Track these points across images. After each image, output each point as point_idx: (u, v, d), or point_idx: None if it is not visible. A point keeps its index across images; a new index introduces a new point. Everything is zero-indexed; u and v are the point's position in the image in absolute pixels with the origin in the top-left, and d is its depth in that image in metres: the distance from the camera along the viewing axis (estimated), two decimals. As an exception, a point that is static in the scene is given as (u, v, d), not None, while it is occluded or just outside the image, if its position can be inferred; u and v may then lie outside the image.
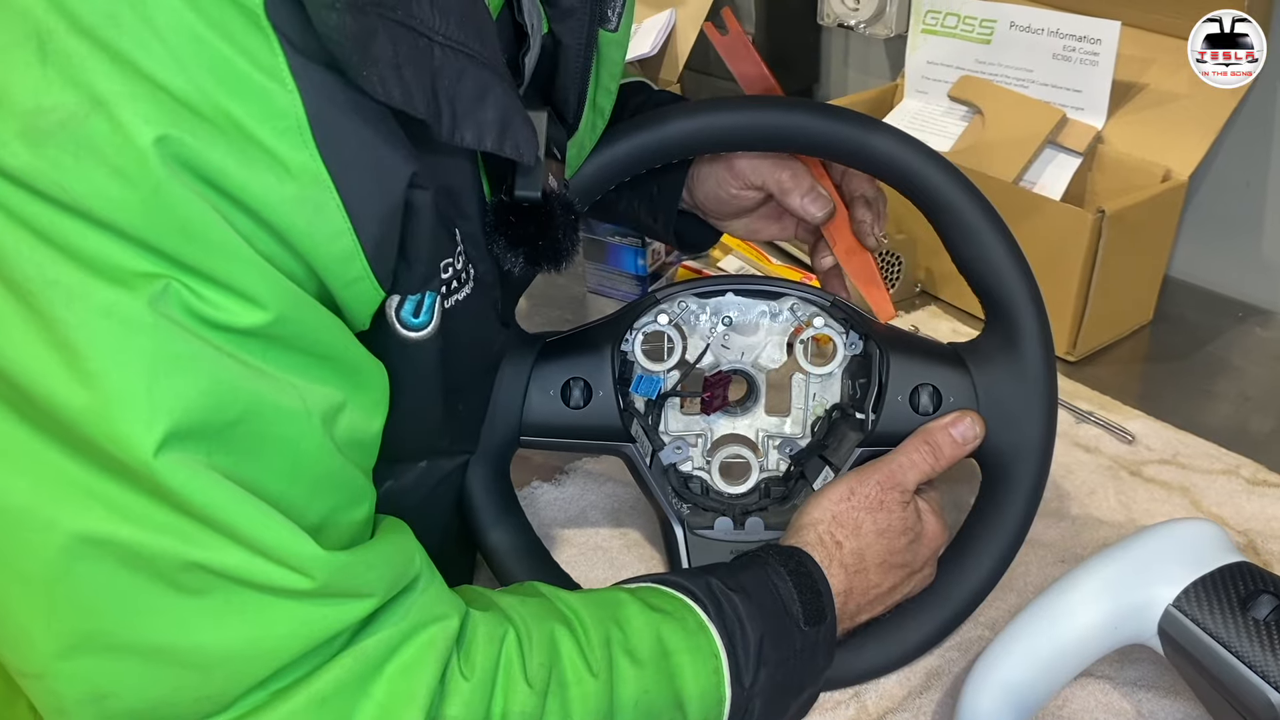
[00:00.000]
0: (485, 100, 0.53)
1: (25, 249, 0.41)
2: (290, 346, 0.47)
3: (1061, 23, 1.13)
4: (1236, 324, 1.15)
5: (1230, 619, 0.63)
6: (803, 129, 0.75)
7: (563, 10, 0.64)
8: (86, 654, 0.45)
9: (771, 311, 0.81)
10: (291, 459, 0.48)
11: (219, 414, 0.45)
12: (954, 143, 1.20)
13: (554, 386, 0.76)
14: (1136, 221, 1.03)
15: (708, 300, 0.81)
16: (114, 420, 0.42)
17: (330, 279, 0.49)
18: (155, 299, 0.43)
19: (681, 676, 0.60)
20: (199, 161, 0.43)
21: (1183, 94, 1.10)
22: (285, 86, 0.45)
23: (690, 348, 0.81)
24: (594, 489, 0.93)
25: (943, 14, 1.23)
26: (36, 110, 0.41)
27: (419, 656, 0.51)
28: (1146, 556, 0.66)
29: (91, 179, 0.41)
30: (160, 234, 0.43)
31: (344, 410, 0.51)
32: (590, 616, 0.59)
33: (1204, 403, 1.03)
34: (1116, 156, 1.12)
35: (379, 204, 0.50)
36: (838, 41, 1.54)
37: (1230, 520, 0.86)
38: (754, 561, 0.68)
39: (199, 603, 0.45)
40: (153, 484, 0.43)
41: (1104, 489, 0.90)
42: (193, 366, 0.44)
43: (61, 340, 0.42)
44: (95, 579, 0.44)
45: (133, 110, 0.42)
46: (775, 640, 0.63)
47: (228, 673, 0.47)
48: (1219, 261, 1.19)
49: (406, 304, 0.56)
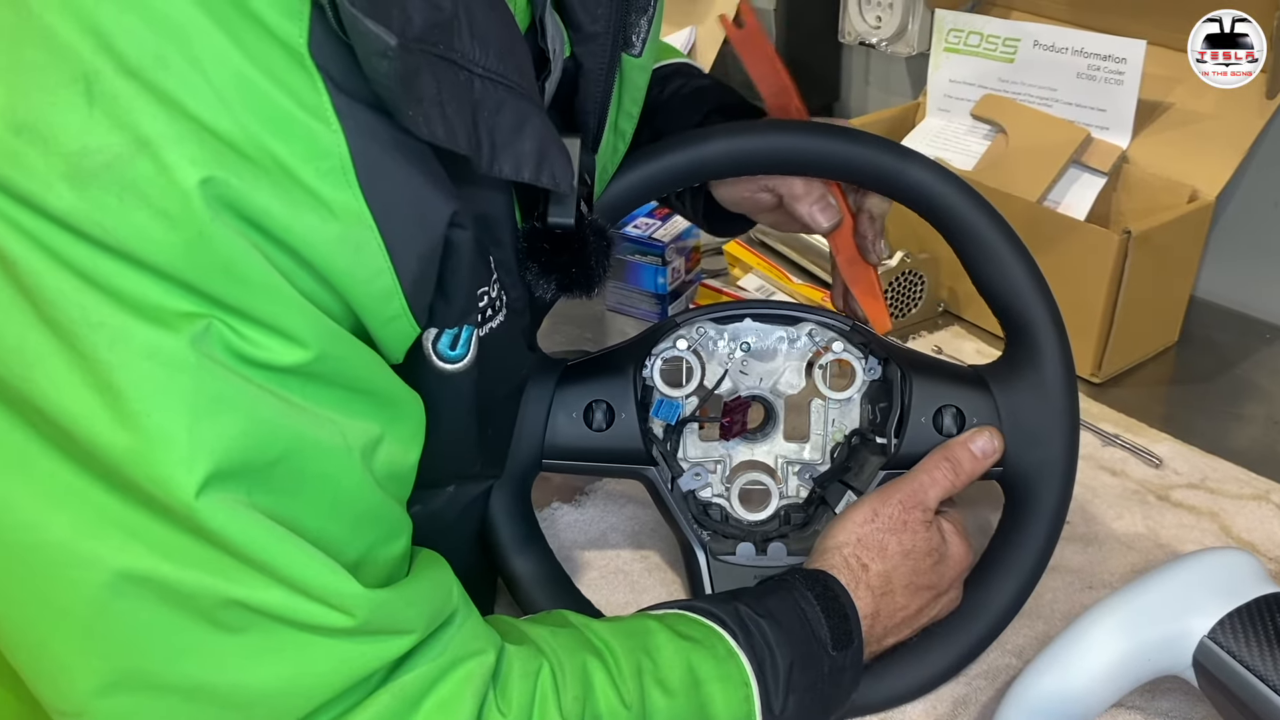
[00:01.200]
0: (523, 131, 0.53)
1: (69, 291, 0.41)
2: (330, 383, 0.48)
3: (1086, 42, 1.12)
4: (1264, 345, 1.14)
5: (1266, 651, 0.62)
6: (833, 155, 0.75)
7: (586, 35, 0.64)
8: (126, 692, 0.45)
9: (790, 337, 0.81)
10: (332, 496, 0.48)
11: (260, 453, 0.44)
12: (977, 162, 1.20)
13: (576, 409, 0.76)
14: (1162, 242, 1.02)
15: (725, 326, 0.81)
16: (156, 463, 0.42)
17: (368, 317, 0.49)
18: (197, 339, 0.43)
19: (713, 705, 0.59)
20: (243, 203, 0.43)
21: (1209, 113, 1.10)
22: (329, 126, 0.45)
23: (709, 373, 0.80)
24: (615, 511, 0.92)
25: (965, 32, 1.23)
26: (82, 152, 0.41)
27: (456, 692, 0.51)
28: (1181, 587, 0.65)
29: (135, 221, 0.41)
30: (203, 275, 0.42)
31: (382, 443, 0.51)
32: (621, 647, 0.59)
33: (1231, 426, 1.01)
34: (1142, 176, 1.11)
35: (419, 243, 0.50)
36: (859, 59, 1.54)
37: (1261, 547, 0.85)
38: (781, 586, 0.67)
39: (239, 640, 0.45)
40: (194, 525, 0.43)
41: (1131, 514, 0.89)
42: (234, 406, 0.44)
43: (104, 382, 0.42)
44: (135, 616, 0.44)
45: (178, 152, 0.41)
46: (804, 665, 0.63)
47: (267, 710, 0.47)
48: (1246, 282, 1.18)
49: (444, 337, 0.56)
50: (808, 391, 0.81)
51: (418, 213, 0.49)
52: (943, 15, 1.25)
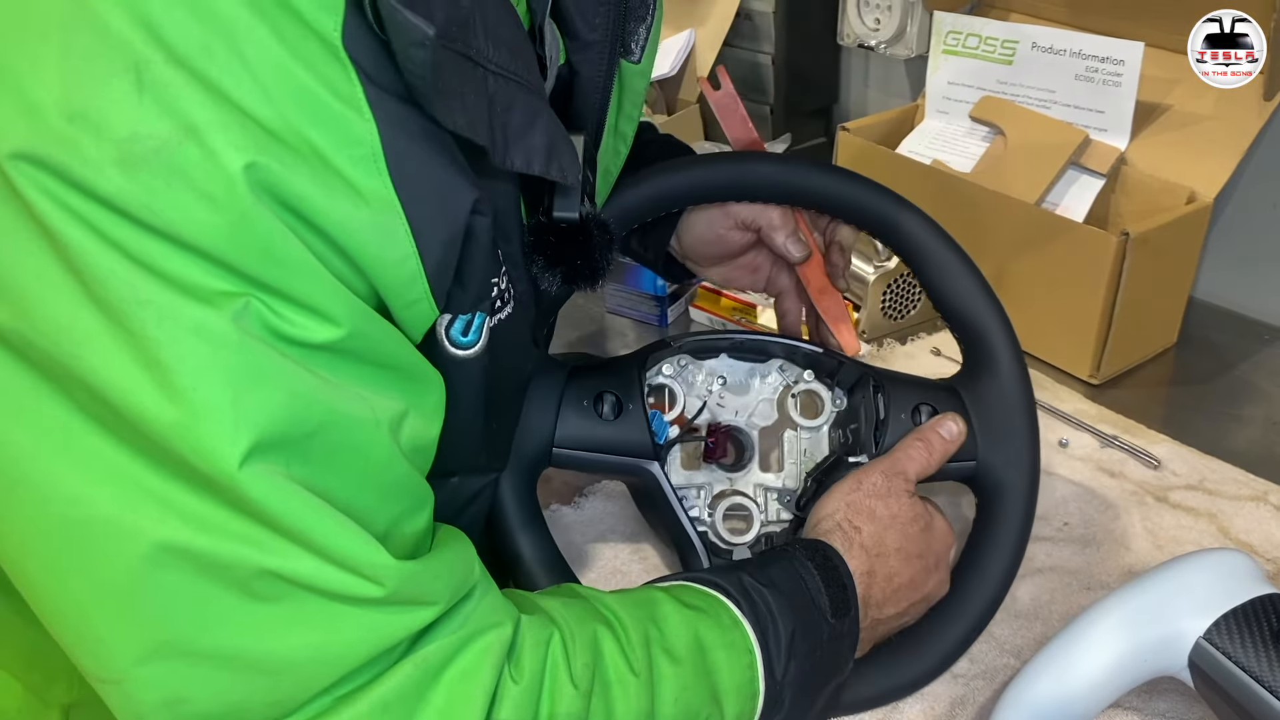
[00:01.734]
0: (534, 126, 0.55)
1: (119, 270, 0.43)
2: (359, 360, 0.49)
3: (1084, 44, 1.12)
4: (1263, 346, 1.14)
5: (1262, 652, 0.62)
6: (829, 190, 0.83)
7: (583, 43, 0.65)
8: (164, 660, 0.46)
9: (761, 373, 0.86)
10: (362, 467, 0.50)
11: (297, 426, 0.46)
12: (975, 163, 1.20)
13: (587, 398, 0.79)
14: (1161, 244, 1.02)
15: (703, 362, 0.85)
16: (201, 435, 0.44)
17: (392, 299, 0.51)
18: (238, 316, 0.44)
19: (718, 672, 0.60)
20: (282, 188, 0.44)
21: (1207, 115, 1.10)
22: (362, 115, 0.47)
23: (689, 405, 0.84)
24: (613, 513, 0.93)
25: (964, 35, 1.23)
26: (132, 138, 0.42)
27: (476, 663, 0.52)
28: (1176, 588, 0.66)
29: (182, 204, 0.43)
30: (244, 256, 0.44)
31: (407, 417, 0.52)
32: (629, 617, 0.60)
33: (1230, 427, 1.01)
34: (1140, 178, 1.11)
35: (443, 229, 0.51)
36: (858, 62, 1.54)
37: (1259, 548, 0.85)
38: (782, 556, 0.68)
39: (271, 610, 0.47)
40: (235, 495, 0.44)
41: (1129, 515, 0.89)
42: (274, 381, 0.45)
43: (152, 358, 0.43)
44: (173, 587, 0.45)
45: (224, 138, 0.43)
46: (805, 632, 0.64)
47: (296, 678, 0.48)
48: (1245, 283, 1.18)
49: (457, 323, 0.57)
50: (781, 422, 0.85)
51: (442, 200, 0.51)
52: (941, 17, 1.25)
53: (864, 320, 1.14)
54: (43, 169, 0.42)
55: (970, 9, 1.31)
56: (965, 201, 1.12)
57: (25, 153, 0.41)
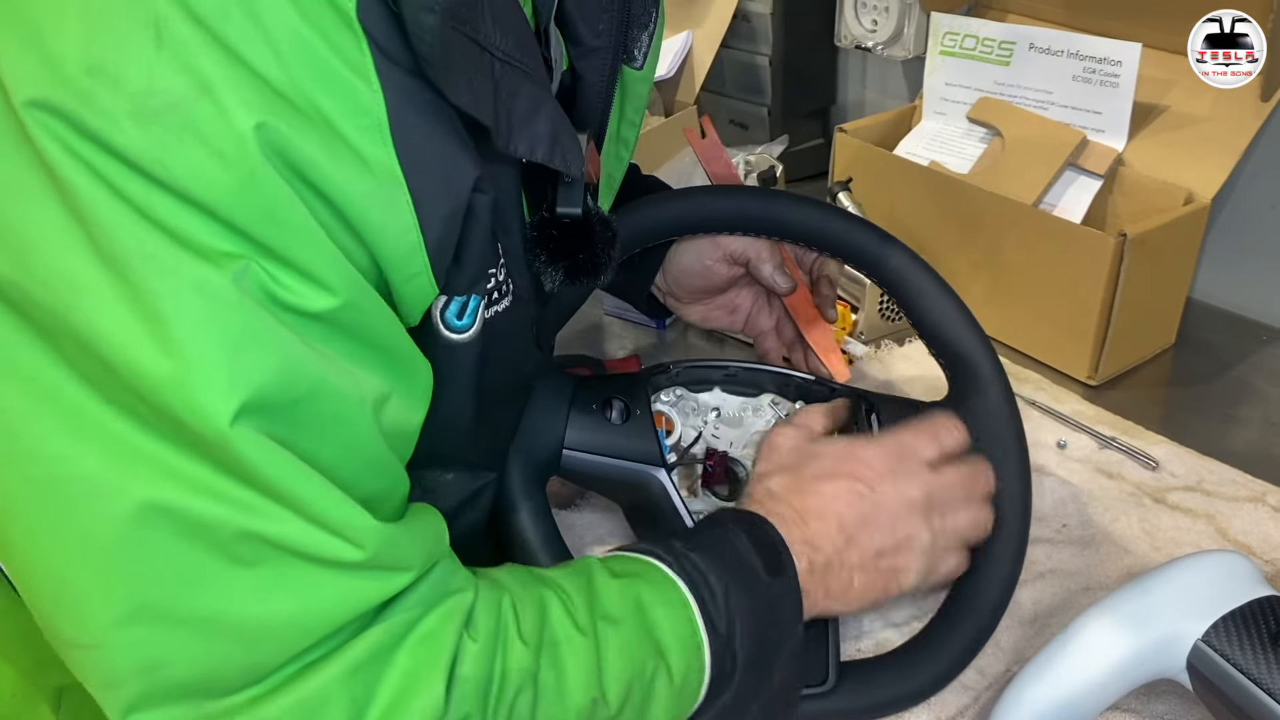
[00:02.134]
0: (538, 114, 0.56)
1: (126, 223, 0.43)
2: (350, 334, 0.50)
3: (1081, 44, 1.12)
4: (1261, 347, 1.14)
5: (1260, 654, 0.62)
6: (819, 228, 0.85)
7: (586, 48, 0.66)
8: (142, 624, 0.46)
9: (754, 407, 0.87)
10: (345, 440, 0.50)
11: (287, 391, 0.46)
12: (973, 165, 1.20)
13: (595, 401, 0.80)
14: (1159, 245, 1.02)
15: (698, 395, 0.87)
16: (194, 390, 0.44)
17: (392, 272, 0.51)
18: (238, 277, 0.45)
19: (658, 628, 0.61)
20: (290, 150, 0.45)
21: (1204, 116, 1.10)
22: (370, 85, 0.47)
23: (685, 435, 0.85)
24: (611, 517, 0.92)
25: (961, 35, 1.23)
26: (148, 91, 0.43)
27: (439, 625, 0.53)
28: (1174, 590, 0.66)
29: (192, 159, 0.43)
30: (248, 216, 0.45)
31: (390, 401, 0.52)
32: (569, 583, 0.61)
33: (1228, 428, 1.01)
34: (1138, 179, 1.11)
35: (445, 204, 0.52)
36: (855, 63, 1.54)
37: (1257, 549, 0.85)
38: (711, 524, 0.69)
39: (251, 574, 0.47)
40: (224, 453, 0.45)
41: (1127, 516, 0.89)
42: (268, 343, 0.45)
43: (151, 311, 0.43)
44: (157, 547, 0.45)
45: (236, 97, 0.44)
46: (740, 590, 0.64)
47: (272, 643, 0.48)
48: (1243, 284, 1.18)
49: (452, 305, 0.58)
50: None
51: (445, 174, 0.52)
52: (938, 19, 1.25)
53: (862, 322, 1.14)
54: (58, 118, 0.42)
55: (967, 10, 1.31)
56: (963, 203, 1.13)
57: (42, 101, 0.42)
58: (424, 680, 0.51)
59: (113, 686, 0.47)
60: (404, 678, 0.51)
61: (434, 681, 0.51)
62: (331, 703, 0.49)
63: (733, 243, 0.90)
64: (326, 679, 0.49)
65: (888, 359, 1.12)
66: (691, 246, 0.92)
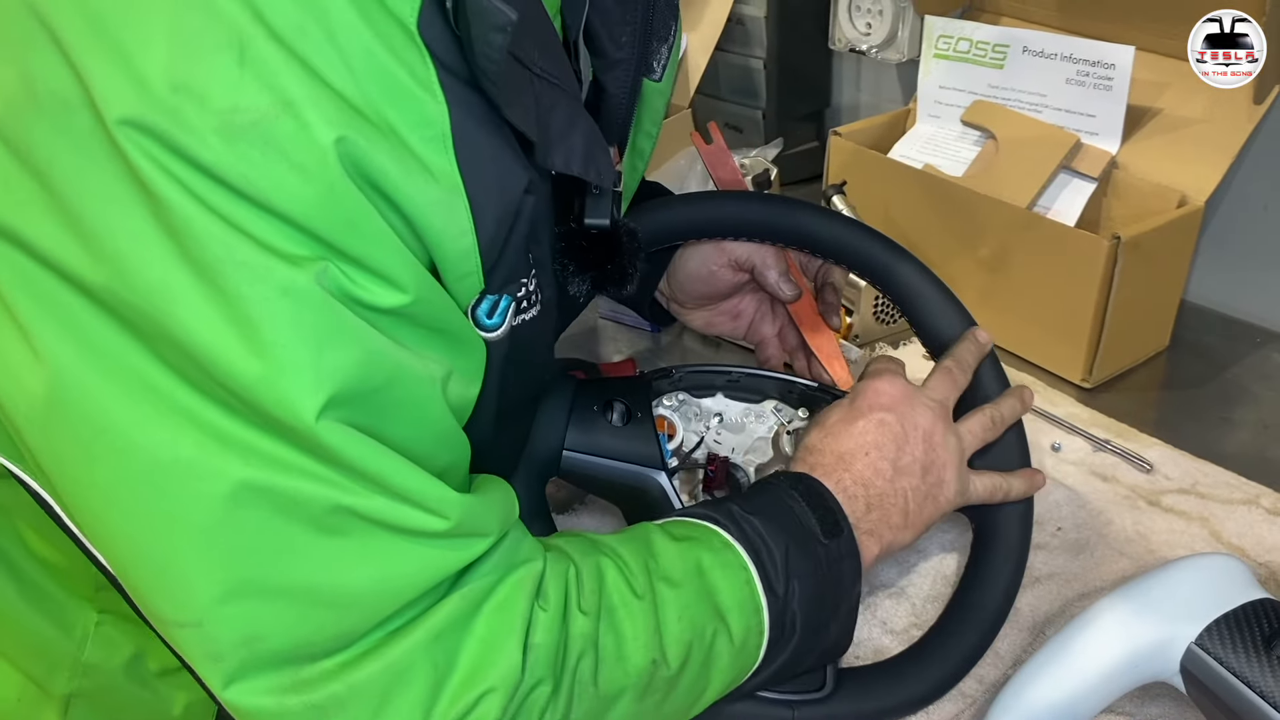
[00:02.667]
0: (574, 129, 0.59)
1: (217, 233, 0.45)
2: (418, 324, 0.52)
3: (1075, 48, 1.12)
4: (1255, 349, 1.14)
5: (1254, 657, 0.62)
6: (831, 237, 0.86)
7: (610, 61, 0.68)
8: (243, 598, 0.49)
9: (756, 414, 0.88)
10: (420, 419, 0.53)
11: (367, 381, 0.49)
12: (967, 167, 1.20)
13: (596, 403, 0.80)
14: (1152, 247, 1.02)
15: (700, 400, 0.87)
16: (284, 388, 0.46)
17: (446, 271, 0.53)
18: (319, 278, 0.47)
19: (718, 591, 0.63)
20: (366, 162, 0.47)
21: (1198, 118, 1.10)
22: (435, 98, 0.50)
23: (687, 440, 0.86)
24: (609, 524, 0.92)
25: (955, 39, 1.23)
26: (233, 109, 0.45)
27: (513, 594, 0.55)
28: (1168, 593, 0.66)
29: (275, 173, 0.45)
30: (328, 225, 0.47)
31: (452, 377, 0.55)
32: (626, 550, 0.63)
33: (1223, 430, 1.02)
34: (1131, 182, 1.12)
35: (498, 208, 0.54)
36: (849, 66, 1.54)
37: (1251, 552, 0.85)
38: (767, 488, 0.71)
39: (342, 544, 0.50)
40: (313, 443, 0.47)
41: (1121, 519, 0.89)
42: (350, 339, 0.48)
43: (241, 315, 0.46)
44: (253, 525, 0.48)
45: (317, 113, 0.46)
46: (800, 553, 0.66)
47: (361, 611, 0.51)
48: (1237, 286, 1.19)
49: (484, 303, 0.59)
50: (777, 459, 0.86)
51: (500, 180, 0.54)
52: (932, 22, 1.25)
53: (856, 324, 1.14)
54: (149, 135, 0.44)
55: (961, 13, 1.31)
56: (957, 205, 1.13)
57: (133, 119, 0.44)
58: (501, 647, 0.54)
59: (215, 659, 0.49)
60: (482, 645, 0.54)
61: (511, 648, 0.54)
62: (416, 668, 0.52)
63: (738, 249, 0.91)
64: (411, 645, 0.52)
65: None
66: (696, 252, 0.92)
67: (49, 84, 0.45)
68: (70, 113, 0.45)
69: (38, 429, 0.49)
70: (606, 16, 0.67)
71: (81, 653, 0.65)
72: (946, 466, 0.75)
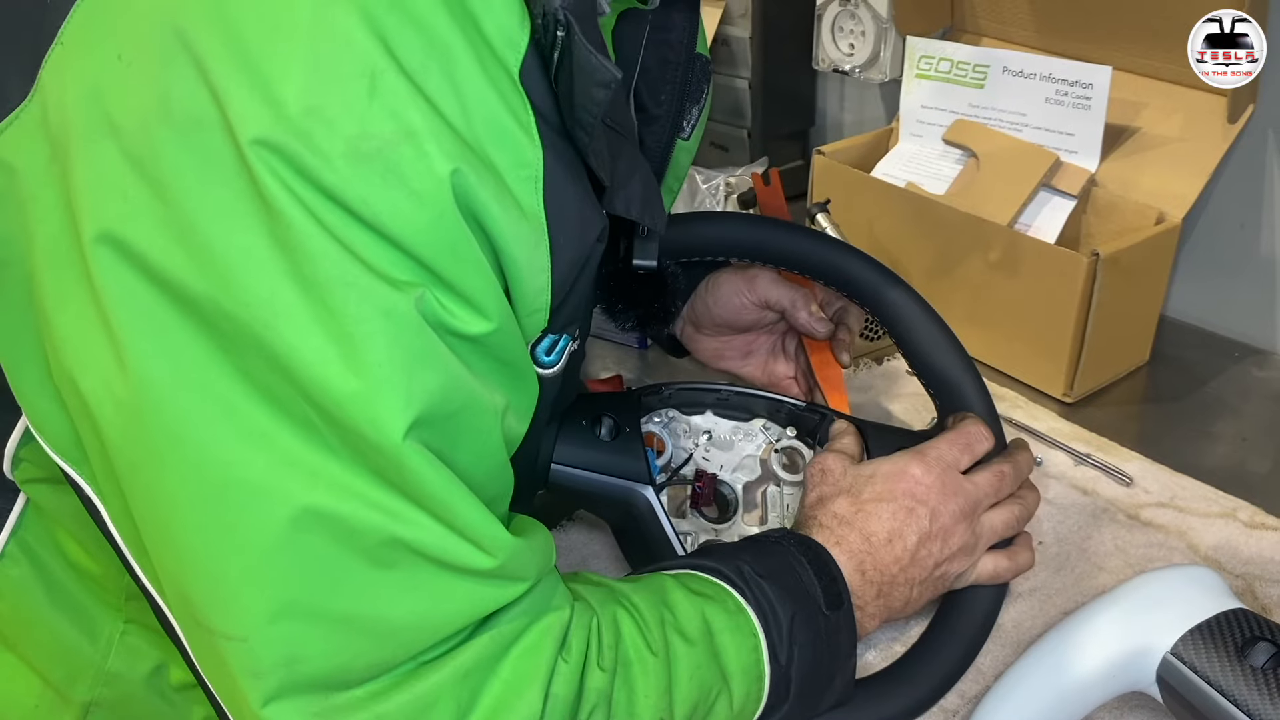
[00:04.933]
0: (635, 176, 0.63)
1: (332, 252, 0.47)
2: (492, 354, 0.54)
3: (1053, 68, 1.14)
4: (1234, 363, 1.16)
5: (1228, 667, 0.63)
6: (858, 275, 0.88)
7: (650, 116, 0.72)
8: (289, 620, 0.50)
9: (745, 432, 0.88)
10: (481, 449, 0.54)
11: (446, 405, 0.51)
12: (949, 186, 1.21)
13: (585, 418, 0.81)
14: (1131, 264, 1.04)
15: (690, 417, 0.88)
16: (377, 406, 0.48)
17: (521, 306, 0.55)
18: (418, 303, 0.49)
19: (725, 653, 0.63)
20: (472, 195, 0.50)
21: (1174, 137, 1.12)
22: (534, 142, 0.53)
23: (675, 455, 0.86)
24: (597, 539, 0.93)
25: (936, 59, 1.25)
26: (361, 135, 0.47)
27: (539, 641, 0.56)
28: (1143, 603, 0.67)
29: (392, 199, 0.48)
30: (433, 252, 0.49)
31: (509, 411, 0.57)
32: (643, 601, 0.64)
33: (1202, 444, 1.03)
34: (1110, 199, 1.13)
35: (574, 250, 0.57)
36: (833, 86, 1.56)
37: (1227, 564, 0.86)
38: (776, 548, 0.71)
39: (390, 576, 0.51)
40: (392, 463, 0.49)
41: (1101, 534, 0.90)
42: (438, 363, 0.50)
43: (344, 333, 0.48)
44: (310, 550, 0.49)
45: (436, 145, 0.48)
46: (803, 622, 0.67)
47: (400, 642, 0.52)
48: (1215, 302, 1.20)
49: (544, 341, 0.61)
50: (765, 477, 0.87)
51: (580, 224, 0.57)
52: (914, 42, 1.27)
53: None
54: (278, 155, 0.46)
55: (942, 34, 1.33)
56: (939, 223, 1.14)
57: (266, 140, 0.46)
58: (524, 693, 0.55)
59: (256, 676, 0.50)
60: (506, 688, 0.54)
61: (533, 696, 0.55)
62: (441, 703, 0.53)
63: (769, 290, 0.93)
64: (438, 680, 0.53)
65: (868, 376, 1.13)
66: (729, 280, 0.94)
67: (185, 103, 0.47)
68: (203, 130, 0.47)
69: (118, 430, 0.50)
70: (649, 76, 0.70)
71: (105, 661, 0.66)
72: (954, 561, 0.75)
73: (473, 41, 0.50)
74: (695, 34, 0.74)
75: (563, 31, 0.53)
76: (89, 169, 0.49)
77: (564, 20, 0.52)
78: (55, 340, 0.51)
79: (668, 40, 0.70)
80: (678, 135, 0.75)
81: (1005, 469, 0.78)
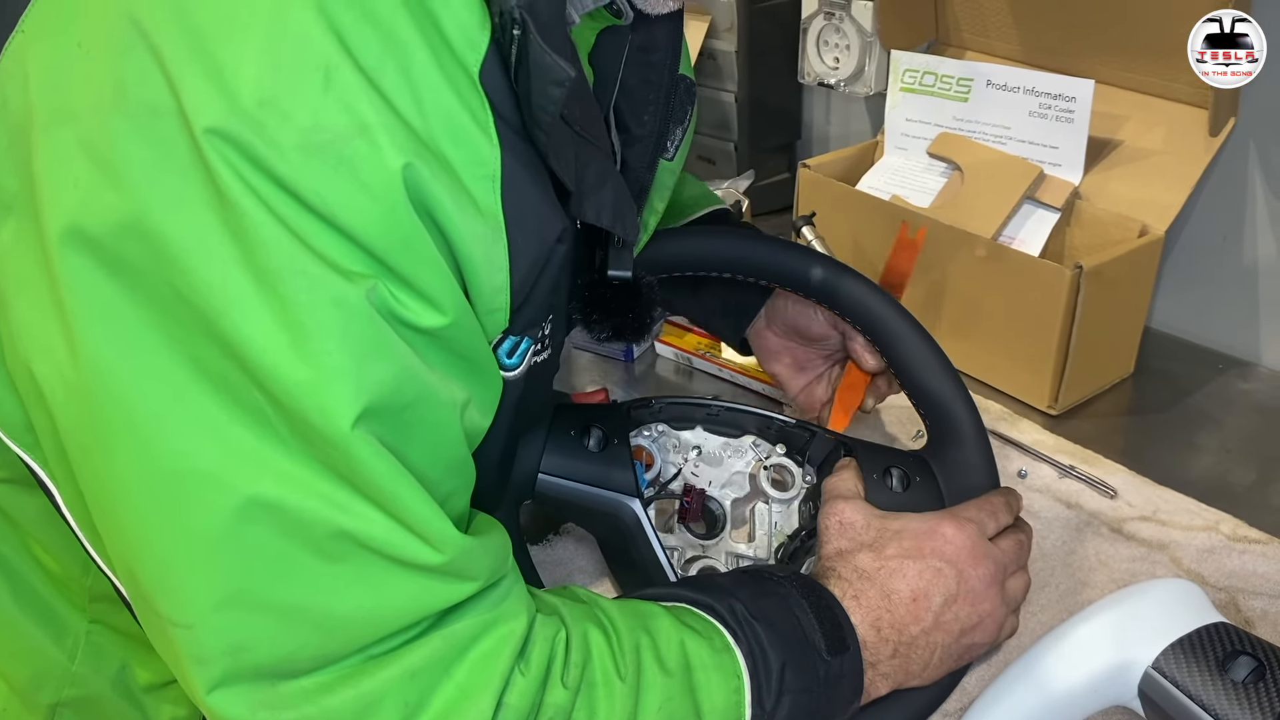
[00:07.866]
0: (605, 184, 0.63)
1: (283, 241, 0.48)
2: (449, 348, 0.54)
3: (1037, 81, 1.15)
4: (1217, 375, 1.16)
5: (1209, 680, 0.63)
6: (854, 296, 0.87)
7: (633, 136, 0.72)
8: (235, 609, 0.50)
9: (735, 448, 0.88)
10: (435, 442, 0.55)
11: (398, 397, 0.51)
12: (933, 198, 1.22)
13: (574, 428, 0.81)
14: (1114, 276, 1.04)
15: (679, 432, 0.88)
16: (326, 395, 0.49)
17: (479, 305, 0.56)
18: (369, 294, 0.49)
19: (703, 691, 0.62)
20: (425, 190, 0.50)
21: (1157, 150, 1.12)
22: (491, 141, 0.53)
23: (664, 470, 0.86)
24: (584, 553, 0.93)
25: (921, 73, 1.25)
26: (314, 127, 0.48)
27: (497, 648, 0.56)
28: (1125, 618, 0.67)
29: (344, 191, 0.48)
30: (385, 243, 0.50)
31: (470, 405, 0.57)
32: (624, 624, 0.63)
33: (1186, 456, 1.03)
34: (1094, 212, 1.14)
35: (533, 250, 0.57)
36: (819, 99, 1.56)
37: (1210, 578, 0.86)
38: (775, 590, 0.68)
39: (337, 569, 0.51)
40: (340, 453, 0.49)
41: (1084, 548, 0.90)
42: (390, 354, 0.50)
43: (295, 321, 0.48)
44: (257, 541, 0.50)
45: (389, 139, 0.49)
46: (797, 668, 0.64)
47: (345, 635, 0.52)
48: (1198, 314, 1.21)
49: (505, 343, 0.61)
50: (753, 494, 0.86)
51: (538, 224, 0.57)
52: (898, 56, 1.27)
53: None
54: (232, 145, 0.47)
55: (926, 47, 1.33)
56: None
57: (220, 129, 0.47)
58: (476, 699, 0.54)
59: (201, 663, 0.51)
60: (459, 692, 0.54)
61: (484, 703, 0.54)
62: (387, 701, 0.53)
63: (830, 316, 0.92)
64: (386, 677, 0.53)
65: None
66: (799, 301, 0.93)
67: (140, 91, 0.48)
68: (157, 118, 0.47)
69: (69, 415, 0.51)
70: (631, 97, 0.71)
71: (72, 663, 0.66)
72: (987, 630, 0.72)
73: (431, 40, 0.51)
74: (679, 55, 0.74)
75: (519, 30, 0.53)
76: (48, 156, 0.49)
77: (520, 19, 0.53)
78: (12, 326, 0.52)
79: (650, 60, 0.71)
80: (661, 155, 0.75)
81: (1022, 538, 0.77)
